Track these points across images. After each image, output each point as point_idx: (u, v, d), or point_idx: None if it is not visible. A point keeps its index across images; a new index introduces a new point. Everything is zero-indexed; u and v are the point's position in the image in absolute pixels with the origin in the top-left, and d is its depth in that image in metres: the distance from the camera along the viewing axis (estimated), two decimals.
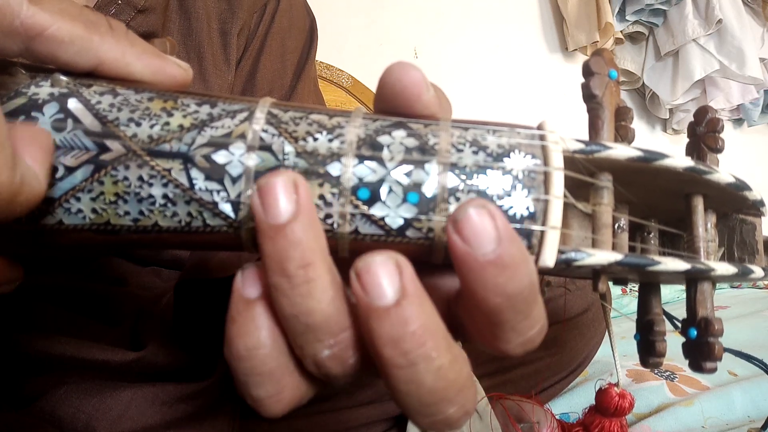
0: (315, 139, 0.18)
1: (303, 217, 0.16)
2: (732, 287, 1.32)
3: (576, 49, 1.74)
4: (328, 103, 0.90)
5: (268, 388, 0.17)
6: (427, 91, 0.19)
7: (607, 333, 0.25)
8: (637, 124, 1.79)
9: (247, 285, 0.17)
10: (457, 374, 0.17)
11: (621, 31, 1.70)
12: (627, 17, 1.70)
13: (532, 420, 0.51)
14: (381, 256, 0.15)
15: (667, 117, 1.90)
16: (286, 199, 0.16)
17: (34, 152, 0.17)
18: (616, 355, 0.24)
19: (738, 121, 2.03)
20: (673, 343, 0.23)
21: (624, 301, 1.20)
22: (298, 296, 0.16)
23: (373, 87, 1.17)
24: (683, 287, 0.21)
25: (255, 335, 0.17)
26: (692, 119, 0.22)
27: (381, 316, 0.15)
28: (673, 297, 1.17)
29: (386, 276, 0.15)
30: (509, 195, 0.18)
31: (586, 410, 0.39)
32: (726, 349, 0.20)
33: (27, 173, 0.16)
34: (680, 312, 0.22)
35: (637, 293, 0.23)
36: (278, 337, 0.18)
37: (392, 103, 0.19)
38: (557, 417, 0.54)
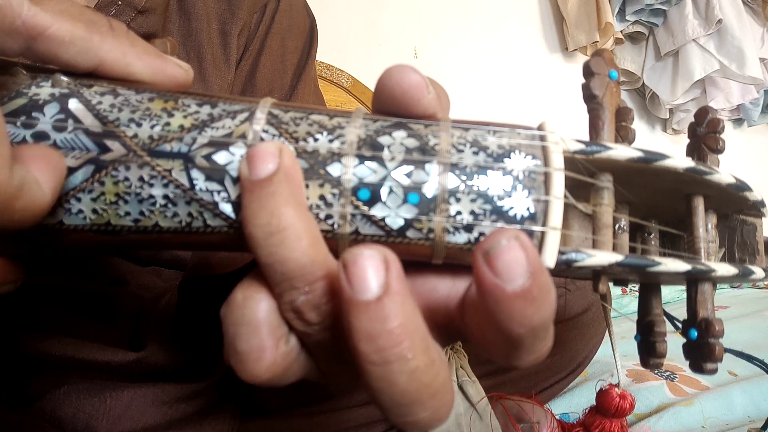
0: (315, 140, 0.18)
1: (280, 173, 0.17)
2: (732, 287, 1.32)
3: (576, 49, 1.74)
4: (328, 103, 0.90)
5: (253, 342, 0.17)
6: (428, 94, 0.19)
7: (607, 333, 0.25)
8: (637, 124, 1.79)
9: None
10: (432, 378, 0.16)
11: (621, 31, 1.69)
12: (627, 17, 1.70)
13: (532, 420, 0.51)
14: (370, 249, 0.15)
15: (667, 117, 1.90)
16: (269, 160, 0.16)
17: (41, 165, 0.17)
18: (616, 356, 0.24)
19: (738, 121, 2.03)
20: (674, 343, 0.23)
21: (624, 301, 1.20)
22: (271, 245, 0.16)
23: (373, 87, 1.16)
24: (683, 287, 0.21)
25: (254, 285, 0.18)
26: (693, 119, 0.22)
27: (361, 309, 0.15)
28: (673, 297, 1.17)
29: (372, 270, 0.15)
30: (509, 196, 0.18)
31: (587, 410, 0.39)
32: (727, 350, 0.20)
33: (28, 179, 0.16)
34: (680, 312, 0.22)
35: (637, 293, 0.23)
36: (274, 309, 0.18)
37: (392, 107, 0.19)
38: (557, 417, 0.54)
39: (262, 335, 0.17)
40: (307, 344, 0.19)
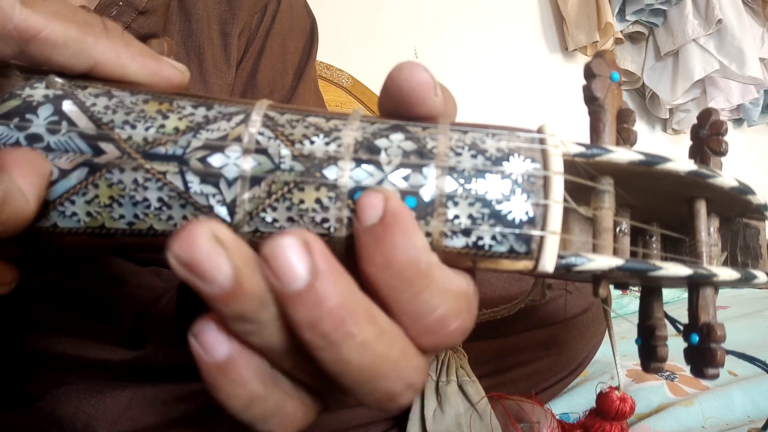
0: (312, 142, 0.18)
1: (241, 272, 0.15)
2: (731, 288, 1.31)
3: (576, 49, 1.74)
4: (328, 103, 0.90)
5: (276, 421, 0.17)
6: (435, 95, 0.19)
7: (607, 335, 0.25)
8: (637, 125, 1.78)
9: (213, 349, 0.17)
10: (386, 347, 0.16)
11: (621, 31, 1.69)
12: (627, 17, 1.69)
13: (532, 420, 0.50)
14: (287, 237, 0.15)
15: (667, 117, 1.89)
16: (222, 264, 0.15)
17: (25, 173, 0.16)
18: (617, 359, 0.24)
19: (738, 121, 2.03)
20: (674, 343, 0.23)
21: (624, 301, 1.19)
22: (267, 334, 0.16)
23: (373, 87, 1.17)
24: (684, 289, 0.21)
25: (245, 391, 0.17)
26: (693, 120, 0.22)
27: (294, 300, 0.15)
28: (672, 297, 1.16)
29: (295, 257, 0.15)
30: (508, 199, 0.18)
31: (587, 413, 0.39)
32: (728, 351, 0.20)
33: (11, 189, 0.16)
34: (679, 312, 0.22)
35: (636, 294, 0.23)
36: (265, 373, 0.17)
37: (397, 103, 0.19)
38: (557, 417, 0.54)
39: (281, 413, 0.17)
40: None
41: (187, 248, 0.15)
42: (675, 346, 0.24)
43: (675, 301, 1.14)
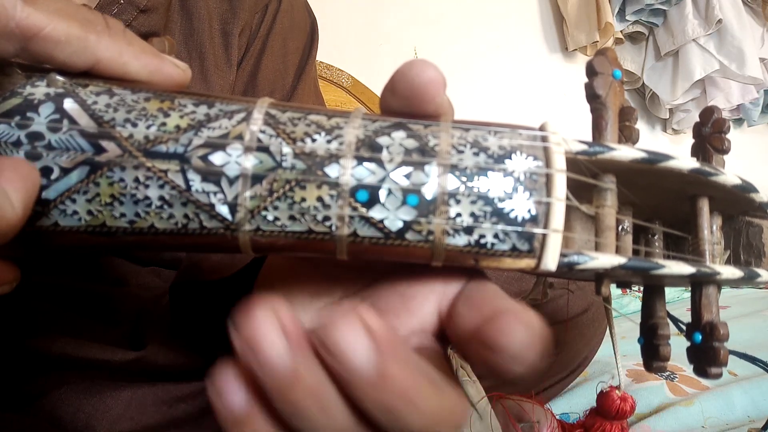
0: (313, 140, 0.18)
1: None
2: (732, 287, 1.31)
3: (576, 49, 1.74)
4: (328, 103, 0.90)
5: None
6: (444, 94, 0.19)
7: (608, 334, 0.25)
8: (637, 124, 1.79)
9: (230, 397, 0.17)
10: (440, 402, 0.16)
11: (621, 31, 1.69)
12: (627, 17, 1.69)
13: (533, 420, 0.50)
14: (346, 324, 0.15)
15: (667, 117, 1.89)
16: (279, 344, 0.16)
17: (11, 177, 0.16)
18: (618, 359, 0.24)
19: (738, 121, 2.03)
20: (674, 343, 0.23)
21: (624, 300, 1.19)
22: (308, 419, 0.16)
23: (373, 87, 1.16)
24: (685, 288, 0.21)
25: None
26: (693, 119, 0.22)
27: (362, 386, 0.15)
28: (673, 297, 1.16)
29: (359, 345, 0.15)
30: (510, 197, 0.17)
31: (587, 412, 0.39)
32: (730, 351, 0.20)
33: None
34: (681, 311, 0.22)
35: (637, 293, 0.23)
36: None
37: (405, 100, 0.19)
38: (557, 417, 0.54)
39: None
40: None
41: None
42: (675, 346, 0.24)
43: (676, 301, 1.14)
